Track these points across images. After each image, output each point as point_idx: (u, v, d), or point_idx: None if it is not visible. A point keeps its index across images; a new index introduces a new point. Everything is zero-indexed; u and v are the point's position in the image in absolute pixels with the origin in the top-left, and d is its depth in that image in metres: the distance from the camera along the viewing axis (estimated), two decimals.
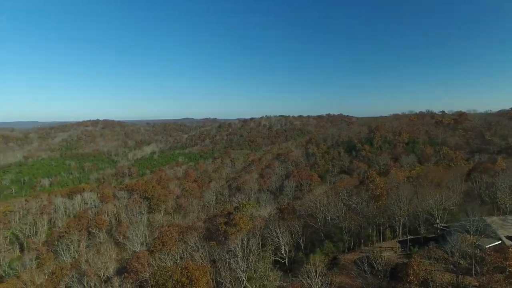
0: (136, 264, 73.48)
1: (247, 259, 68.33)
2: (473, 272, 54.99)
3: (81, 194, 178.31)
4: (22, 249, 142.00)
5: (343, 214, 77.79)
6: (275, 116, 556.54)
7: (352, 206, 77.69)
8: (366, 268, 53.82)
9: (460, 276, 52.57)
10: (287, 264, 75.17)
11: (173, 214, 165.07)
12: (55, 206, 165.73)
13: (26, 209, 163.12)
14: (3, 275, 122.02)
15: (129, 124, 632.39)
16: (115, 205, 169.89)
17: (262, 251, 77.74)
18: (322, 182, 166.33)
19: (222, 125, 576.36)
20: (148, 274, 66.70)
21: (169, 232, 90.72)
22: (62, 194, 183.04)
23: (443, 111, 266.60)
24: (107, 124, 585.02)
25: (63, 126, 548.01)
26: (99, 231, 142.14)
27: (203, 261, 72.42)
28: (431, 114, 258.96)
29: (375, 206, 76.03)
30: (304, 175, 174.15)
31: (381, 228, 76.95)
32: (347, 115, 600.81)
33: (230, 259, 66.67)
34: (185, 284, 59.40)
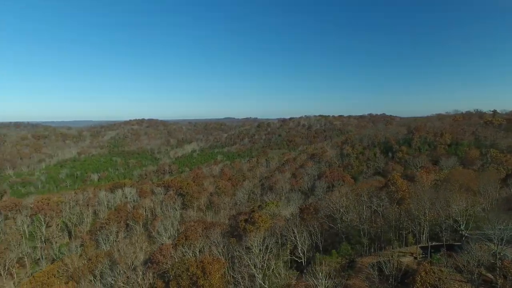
0: (159, 256, 78.01)
1: (262, 256, 69.89)
2: (499, 285, 51.71)
3: (122, 189, 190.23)
4: (70, 236, 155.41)
5: (364, 217, 76.34)
6: (315, 116, 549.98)
7: (373, 209, 75.89)
8: (375, 272, 52.82)
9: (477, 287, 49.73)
10: (304, 264, 75.35)
11: (205, 210, 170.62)
12: (99, 199, 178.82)
13: (75, 201, 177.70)
14: (54, 257, 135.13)
15: (172, 123, 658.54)
16: (152, 200, 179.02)
17: (281, 249, 78.79)
18: (355, 184, 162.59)
19: (261, 125, 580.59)
20: (168, 266, 70.58)
21: (194, 227, 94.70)
22: (105, 188, 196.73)
23: (494, 110, 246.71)
24: (151, 123, 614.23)
25: (112, 125, 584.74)
26: (135, 224, 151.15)
27: (221, 256, 75.09)
28: (479, 114, 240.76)
29: (398, 210, 73.67)
30: (336, 176, 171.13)
31: (404, 233, 74.39)
32: (390, 115, 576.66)
33: (245, 255, 68.62)
34: (199, 276, 62.42)
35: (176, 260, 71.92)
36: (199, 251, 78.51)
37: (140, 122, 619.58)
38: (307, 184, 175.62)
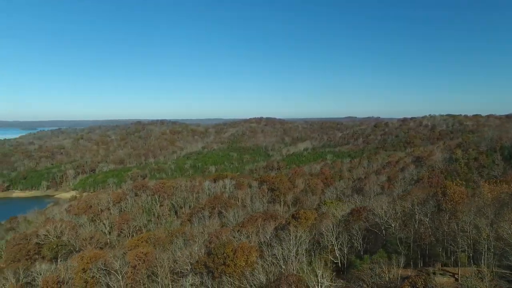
0: (214, 237, 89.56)
1: (296, 250, 73.22)
2: None
3: (223, 180, 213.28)
4: (175, 215, 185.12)
5: (409, 226, 70.62)
6: (441, 115, 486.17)
7: (418, 218, 69.40)
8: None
9: None
10: (339, 265, 74.58)
11: (290, 206, 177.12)
12: (203, 187, 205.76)
13: (184, 187, 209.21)
14: None
15: (288, 122, 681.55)
16: (246, 192, 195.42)
17: (319, 247, 79.83)
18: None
19: (378, 124, 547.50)
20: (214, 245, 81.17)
21: (255, 217, 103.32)
22: (210, 178, 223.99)
23: None
24: (269, 122, 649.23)
25: (233, 123, 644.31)
26: (226, 212, 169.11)
27: (262, 244, 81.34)
28: None
29: (447, 223, 65.39)
30: (435, 182, 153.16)
31: (458, 251, 65.42)
32: None
33: (276, 245, 73.34)
34: (229, 256, 70.60)
35: (225, 241, 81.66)
36: (247, 237, 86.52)
37: (259, 120, 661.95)
38: (398, 189, 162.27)
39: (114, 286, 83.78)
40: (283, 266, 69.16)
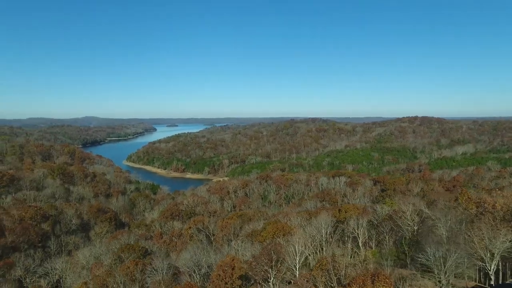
0: (279, 216, 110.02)
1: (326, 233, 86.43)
2: None
3: (338, 177, 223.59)
4: (287, 204, 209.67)
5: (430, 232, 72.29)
6: None
7: (431, 224, 70.49)
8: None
9: None
10: (363, 256, 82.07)
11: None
12: (317, 182, 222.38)
13: (301, 180, 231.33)
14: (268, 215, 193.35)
15: (449, 121, 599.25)
16: (357, 190, 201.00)
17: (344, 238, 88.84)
18: None
19: None
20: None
21: (321, 209, 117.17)
22: (327, 175, 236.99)
23: None
24: (424, 121, 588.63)
25: (383, 122, 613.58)
26: (330, 205, 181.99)
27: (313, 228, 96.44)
28: None
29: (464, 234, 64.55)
30: None
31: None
32: None
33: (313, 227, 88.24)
34: (266, 230, 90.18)
35: (275, 220, 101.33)
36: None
37: (412, 119, 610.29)
38: None
39: (205, 242, 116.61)
40: (309, 246, 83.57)
